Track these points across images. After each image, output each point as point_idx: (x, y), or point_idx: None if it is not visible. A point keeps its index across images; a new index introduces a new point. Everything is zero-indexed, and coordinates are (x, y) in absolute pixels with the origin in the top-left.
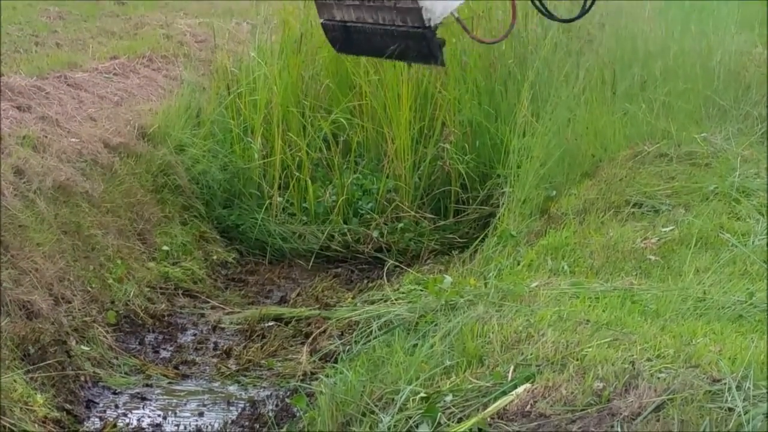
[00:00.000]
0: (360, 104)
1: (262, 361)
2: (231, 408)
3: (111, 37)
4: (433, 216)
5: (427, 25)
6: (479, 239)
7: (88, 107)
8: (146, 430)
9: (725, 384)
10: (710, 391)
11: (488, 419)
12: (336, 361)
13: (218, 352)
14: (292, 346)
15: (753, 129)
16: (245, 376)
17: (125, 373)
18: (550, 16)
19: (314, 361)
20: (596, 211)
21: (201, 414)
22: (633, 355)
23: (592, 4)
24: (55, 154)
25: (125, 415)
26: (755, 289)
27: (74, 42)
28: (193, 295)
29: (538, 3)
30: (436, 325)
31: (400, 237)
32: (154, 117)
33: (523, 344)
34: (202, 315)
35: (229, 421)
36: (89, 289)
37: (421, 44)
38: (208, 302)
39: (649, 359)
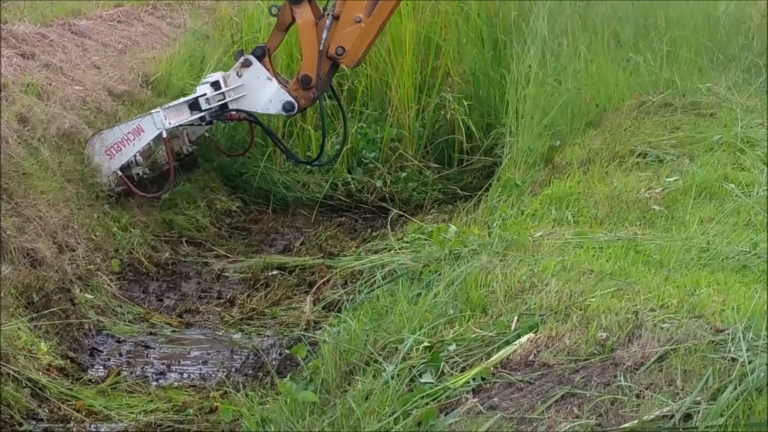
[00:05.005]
0: None
1: (266, 310)
2: (235, 356)
3: None
4: (437, 165)
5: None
6: (483, 189)
7: (92, 55)
8: (150, 378)
9: (729, 334)
10: (713, 342)
11: (491, 368)
12: (339, 311)
13: (222, 300)
14: (295, 295)
15: (756, 79)
16: (249, 324)
17: (129, 322)
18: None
19: (318, 311)
20: (600, 160)
21: (205, 362)
22: (636, 305)
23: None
24: (59, 101)
25: (129, 363)
26: (759, 239)
27: None
28: (196, 244)
29: None
30: (439, 274)
31: (404, 186)
32: (158, 65)
33: (527, 294)
34: (206, 263)
35: (233, 370)
36: (93, 237)
37: None
38: (212, 251)
39: (652, 309)
